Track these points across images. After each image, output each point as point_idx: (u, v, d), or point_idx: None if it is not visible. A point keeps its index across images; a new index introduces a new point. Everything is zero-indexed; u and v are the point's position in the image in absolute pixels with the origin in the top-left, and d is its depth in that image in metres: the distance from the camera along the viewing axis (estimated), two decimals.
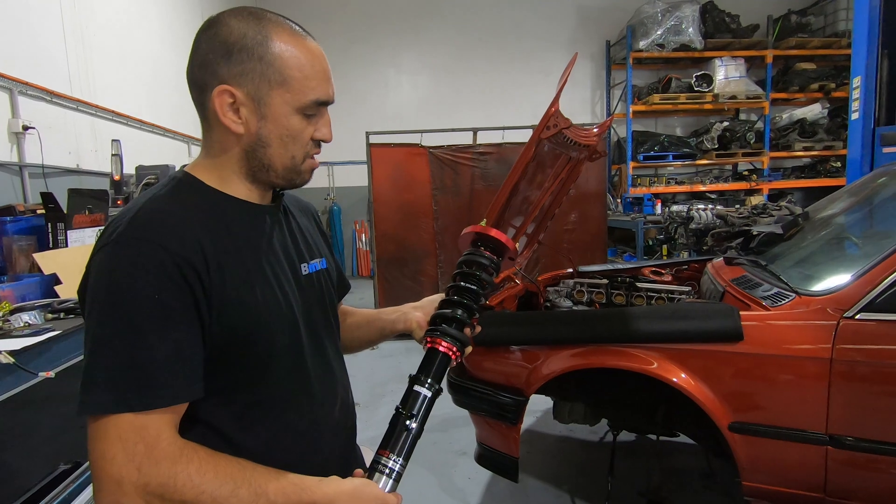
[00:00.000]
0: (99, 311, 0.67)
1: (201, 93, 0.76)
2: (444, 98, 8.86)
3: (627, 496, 2.34)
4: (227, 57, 0.74)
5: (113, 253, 0.68)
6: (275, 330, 0.79)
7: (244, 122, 0.76)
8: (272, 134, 0.77)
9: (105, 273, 0.67)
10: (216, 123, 0.77)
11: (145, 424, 0.65)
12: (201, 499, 0.65)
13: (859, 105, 3.32)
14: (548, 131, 2.01)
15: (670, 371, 1.75)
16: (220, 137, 0.78)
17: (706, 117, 8.59)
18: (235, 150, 0.78)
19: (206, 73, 0.75)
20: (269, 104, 0.76)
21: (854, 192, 2.37)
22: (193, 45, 0.77)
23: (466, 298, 0.92)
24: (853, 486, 1.58)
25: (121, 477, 0.63)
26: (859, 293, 1.55)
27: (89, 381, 0.66)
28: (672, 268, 2.99)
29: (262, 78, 0.74)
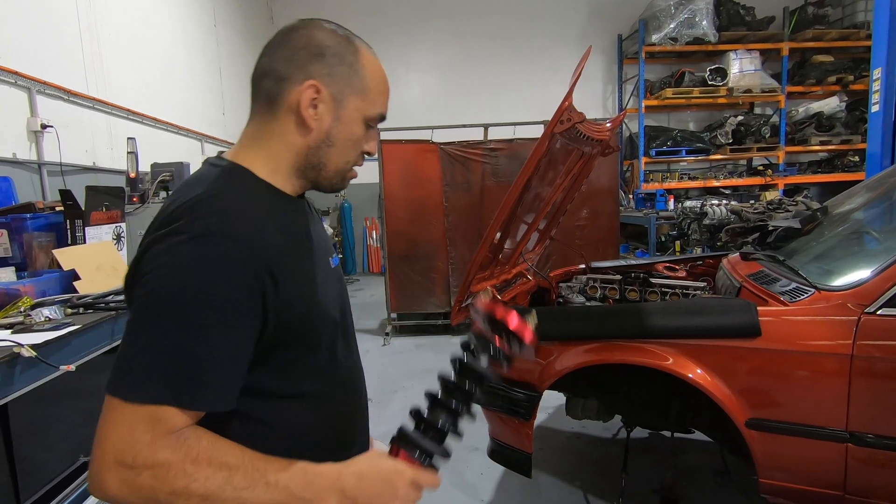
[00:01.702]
0: (165, 301, 0.66)
1: (279, 83, 0.79)
2: (453, 95, 8.84)
3: (641, 493, 2.33)
4: (319, 57, 0.78)
5: (194, 246, 0.67)
6: (321, 326, 0.80)
7: (319, 119, 0.79)
8: (340, 136, 0.81)
9: (183, 265, 0.66)
10: (287, 114, 0.79)
11: (165, 416, 0.65)
12: (192, 487, 0.64)
13: (880, 97, 3.25)
14: (561, 125, 2.01)
15: (686, 367, 1.73)
16: (285, 129, 0.80)
17: (720, 112, 8.47)
18: (298, 144, 0.80)
19: (293, 67, 0.78)
20: (346, 108, 0.80)
21: (874, 186, 2.32)
22: (278, 40, 0.80)
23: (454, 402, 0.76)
24: (874, 484, 1.55)
25: (113, 457, 0.63)
26: (881, 288, 1.52)
27: (131, 366, 0.66)
28: (686, 264, 2.96)
29: (346, 83, 0.79)
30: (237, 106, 6.45)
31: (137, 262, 0.71)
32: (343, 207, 8.97)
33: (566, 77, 10.11)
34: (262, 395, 0.75)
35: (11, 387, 1.47)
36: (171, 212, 0.71)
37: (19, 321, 1.75)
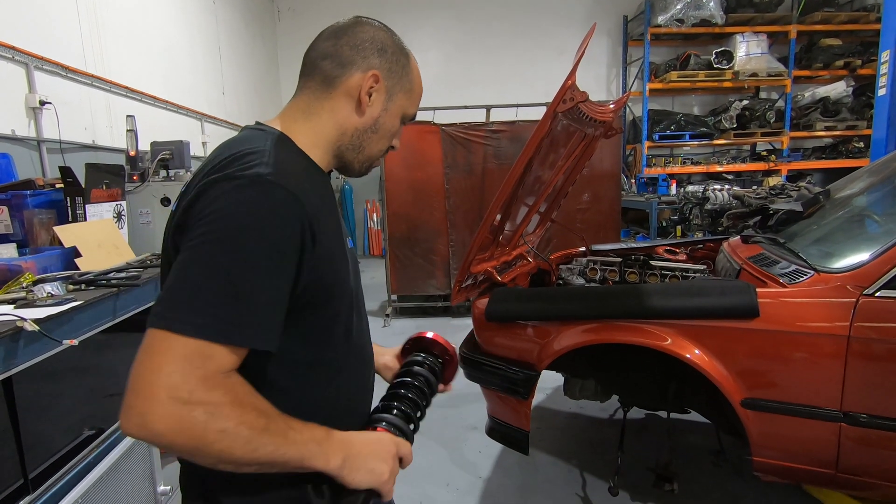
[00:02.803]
0: (221, 240, 0.68)
1: (341, 67, 0.86)
2: (456, 76, 8.73)
3: (636, 472, 2.37)
4: (382, 52, 0.87)
5: (251, 190, 0.70)
6: (341, 296, 0.84)
7: (371, 106, 0.87)
8: (384, 125, 0.89)
9: (239, 207, 0.69)
10: (343, 96, 0.86)
11: (216, 355, 0.66)
12: (239, 429, 0.65)
13: (887, 80, 3.21)
14: (564, 105, 1.99)
15: (684, 347, 1.74)
16: (337, 108, 0.86)
17: (725, 96, 8.38)
18: (347, 124, 0.87)
19: (358, 55, 0.86)
20: (394, 102, 0.89)
21: (876, 170, 2.31)
22: (344, 29, 0.88)
23: (412, 393, 0.91)
24: (866, 462, 1.58)
25: (167, 392, 0.62)
26: (880, 270, 1.52)
27: (184, 299, 0.66)
28: (687, 247, 2.96)
29: (398, 80, 0.90)
30: (236, 86, 6.38)
31: (191, 206, 0.72)
32: (344, 189, 8.94)
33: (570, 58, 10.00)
34: (280, 360, 0.76)
35: (15, 360, 1.48)
36: (221, 161, 0.74)
37: (21, 297, 1.76)
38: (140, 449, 1.95)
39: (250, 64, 7.03)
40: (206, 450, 0.64)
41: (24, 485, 1.51)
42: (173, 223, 0.76)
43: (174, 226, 0.75)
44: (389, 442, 0.79)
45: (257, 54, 7.42)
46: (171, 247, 0.75)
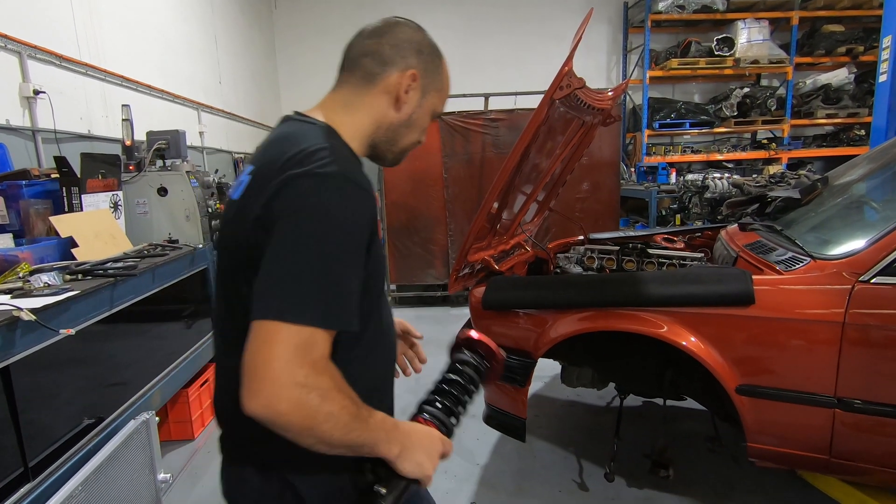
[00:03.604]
0: (315, 235, 0.74)
1: (382, 65, 0.92)
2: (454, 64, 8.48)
3: (632, 458, 2.39)
4: (420, 53, 0.94)
5: (334, 188, 0.76)
6: (382, 280, 0.93)
7: (408, 102, 0.94)
8: (418, 121, 0.96)
9: (326, 204, 0.75)
10: (382, 92, 0.92)
11: (320, 341, 0.72)
12: (341, 413, 0.72)
13: (888, 66, 3.18)
14: (561, 91, 1.97)
15: (680, 335, 1.75)
16: (376, 103, 0.92)
17: (726, 83, 8.31)
18: (384, 118, 0.93)
19: (397, 54, 0.92)
20: (427, 99, 0.96)
21: (875, 157, 2.30)
22: (385, 30, 0.93)
23: (456, 390, 0.96)
24: (859, 448, 1.59)
25: (288, 377, 0.69)
26: (876, 257, 1.52)
27: (291, 291, 0.72)
28: (685, 235, 2.96)
29: (432, 80, 0.97)
30: (234, 75, 6.33)
31: (273, 201, 0.76)
32: None
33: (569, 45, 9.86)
34: (336, 339, 0.80)
35: (12, 350, 1.49)
36: (294, 156, 0.79)
37: (18, 287, 1.76)
38: (139, 437, 1.96)
39: (247, 53, 6.97)
40: (314, 430, 0.71)
41: (24, 473, 1.52)
42: (252, 215, 0.79)
43: (254, 218, 0.78)
44: (437, 440, 0.85)
45: (254, 43, 7.35)
46: (246, 237, 0.79)
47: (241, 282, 0.81)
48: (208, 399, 2.97)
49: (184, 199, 3.06)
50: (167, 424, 2.74)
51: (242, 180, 0.86)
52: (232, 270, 0.85)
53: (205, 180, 3.32)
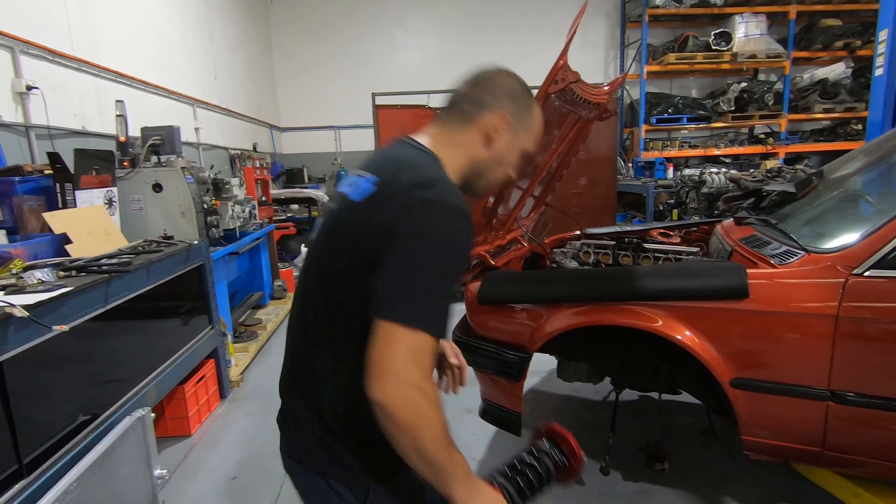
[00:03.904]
0: (437, 256, 0.87)
1: (478, 108, 1.03)
2: (452, 59, 8.63)
3: (628, 452, 2.40)
4: (512, 99, 1.05)
5: (456, 217, 0.89)
6: None
7: (499, 142, 1.04)
8: (506, 158, 1.07)
9: (449, 231, 0.88)
10: (476, 132, 1.04)
11: (430, 347, 0.83)
12: (439, 425, 0.81)
13: (884, 60, 3.18)
14: (555, 85, 1.96)
15: (675, 329, 1.75)
16: (473, 140, 1.04)
17: (723, 78, 8.31)
18: (476, 155, 1.05)
19: (493, 99, 1.04)
20: (517, 139, 1.06)
21: (871, 150, 2.30)
22: (484, 78, 1.06)
23: (530, 473, 0.98)
24: (852, 440, 1.60)
25: (406, 375, 0.79)
26: (870, 250, 1.52)
27: (418, 302, 0.84)
28: (681, 229, 2.96)
29: (522, 122, 1.06)
30: (230, 71, 6.30)
31: (400, 217, 0.88)
32: (339, 175, 8.89)
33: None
34: None
35: (5, 346, 1.48)
36: (420, 181, 0.91)
37: (11, 283, 1.75)
38: (135, 434, 1.96)
39: (243, 48, 6.94)
40: (416, 431, 0.79)
41: (19, 469, 1.52)
42: (380, 224, 0.89)
43: (382, 227, 0.88)
44: (498, 500, 0.88)
45: (250, 39, 7.31)
46: (371, 241, 0.89)
47: (354, 275, 0.91)
48: (205, 395, 2.97)
49: (179, 195, 3.05)
50: (163, 421, 2.74)
51: (363, 186, 0.95)
52: (344, 265, 0.95)
53: (200, 176, 3.31)
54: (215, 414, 3.03)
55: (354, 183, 0.98)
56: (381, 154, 1.06)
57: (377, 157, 1.04)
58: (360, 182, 0.97)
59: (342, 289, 0.95)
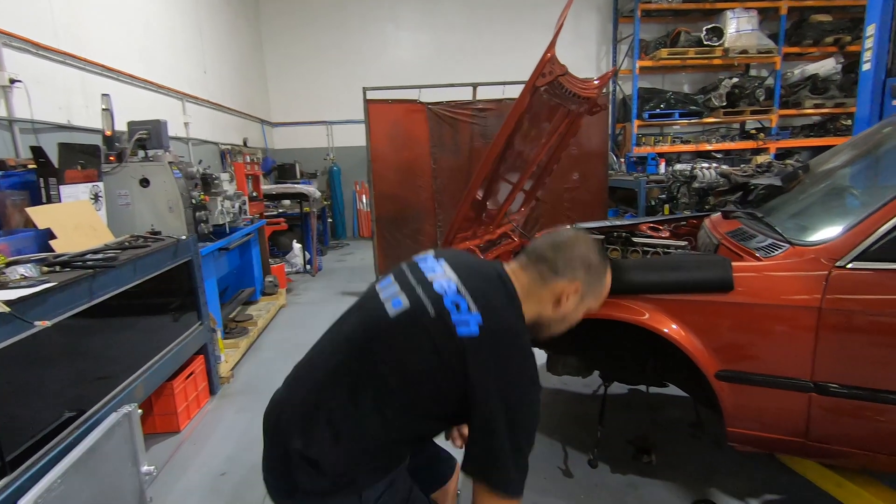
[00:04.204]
0: (529, 419, 1.06)
1: (554, 273, 1.17)
2: (445, 54, 8.60)
3: (616, 444, 2.41)
4: (587, 270, 1.18)
5: (535, 365, 1.09)
6: None
7: (567, 305, 1.19)
8: (570, 318, 1.22)
9: (538, 398, 1.09)
10: (550, 292, 1.18)
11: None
12: None
13: (872, 55, 3.19)
14: (543, 79, 1.97)
15: (661, 322, 1.76)
16: (543, 298, 1.18)
17: (715, 73, 8.33)
18: (544, 311, 1.19)
19: (568, 268, 1.17)
20: (584, 304, 1.22)
21: (858, 143, 2.31)
22: (564, 243, 1.20)
23: None
24: (835, 431, 1.61)
25: None
26: (852, 243, 1.53)
27: (522, 477, 1.06)
28: (670, 224, 2.96)
29: (592, 290, 1.21)
30: (219, 66, 6.24)
31: (492, 350, 1.03)
32: (332, 171, 8.85)
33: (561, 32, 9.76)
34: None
35: None
36: (511, 318, 1.10)
37: None
38: (122, 430, 1.95)
39: (233, 42, 6.87)
40: None
41: (2, 466, 1.51)
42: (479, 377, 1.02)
43: (484, 384, 1.01)
44: None
45: (240, 32, 7.25)
46: (449, 375, 1.03)
47: (408, 395, 1.06)
48: (194, 391, 2.96)
49: (167, 190, 3.02)
50: (152, 417, 2.72)
51: (466, 319, 1.05)
52: (397, 382, 1.06)
53: (188, 171, 3.28)
54: (205, 410, 3.02)
55: (456, 303, 1.07)
56: (483, 281, 1.14)
57: (480, 284, 1.12)
58: (464, 315, 1.05)
59: (399, 393, 1.06)
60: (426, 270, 1.18)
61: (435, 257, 1.24)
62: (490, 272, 1.17)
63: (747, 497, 2.09)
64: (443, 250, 1.30)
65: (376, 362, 1.08)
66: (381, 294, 1.18)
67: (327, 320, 1.26)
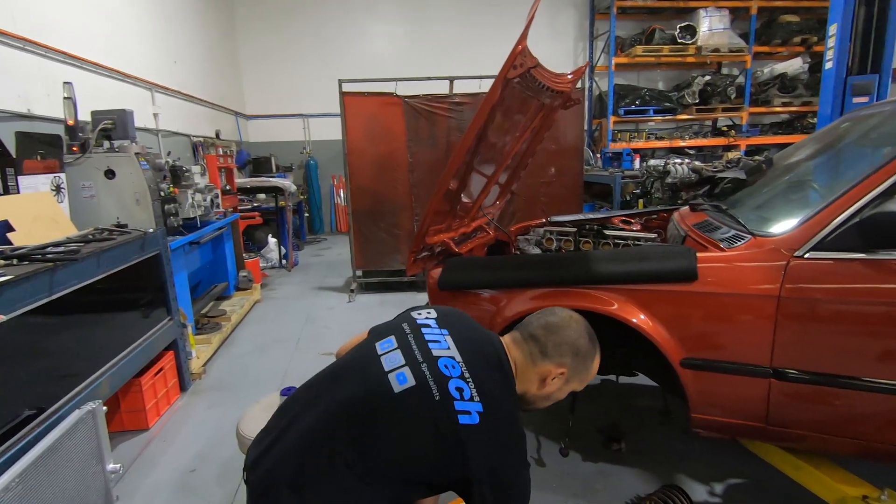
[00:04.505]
0: (521, 474, 1.17)
1: (543, 356, 1.26)
2: (422, 48, 8.55)
3: (587, 433, 2.46)
4: (574, 355, 1.26)
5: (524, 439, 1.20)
6: None
7: (552, 385, 1.27)
8: (554, 397, 1.31)
9: (522, 454, 1.18)
10: (536, 373, 1.26)
11: None
12: None
13: (833, 54, 3.30)
14: (515, 70, 1.97)
15: (630, 312, 1.79)
16: (531, 378, 1.27)
17: (688, 71, 8.49)
18: (530, 391, 1.27)
19: (557, 353, 1.26)
20: (569, 385, 1.29)
21: (819, 138, 2.39)
22: (555, 326, 1.28)
23: None
24: (793, 415, 1.67)
25: None
26: (809, 234, 1.58)
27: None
28: (641, 217, 3.02)
29: (578, 373, 1.28)
30: (189, 55, 6.08)
31: (492, 423, 1.12)
32: (309, 164, 8.74)
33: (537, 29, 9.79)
34: None
35: None
36: (508, 411, 1.17)
37: None
38: (85, 428, 1.89)
39: (204, 32, 6.70)
40: None
41: None
42: (478, 460, 1.09)
43: (486, 435, 1.10)
44: None
45: (211, 22, 7.07)
46: (447, 458, 1.10)
47: (402, 470, 1.10)
48: (164, 387, 2.90)
49: (133, 182, 2.94)
50: (120, 414, 2.66)
51: (468, 408, 1.10)
52: (393, 456, 1.09)
53: (156, 163, 3.19)
54: (175, 407, 2.96)
55: (460, 389, 1.12)
56: (485, 366, 1.19)
57: (483, 371, 1.18)
58: (467, 404, 1.10)
59: (394, 467, 1.09)
60: (431, 342, 1.22)
61: (438, 324, 1.29)
62: (491, 354, 1.23)
63: (712, 482, 2.16)
64: (445, 314, 1.34)
65: (376, 436, 1.10)
66: (383, 361, 1.20)
67: (303, 315, 1.27)
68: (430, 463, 1.11)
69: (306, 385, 1.31)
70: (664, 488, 1.94)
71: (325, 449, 1.11)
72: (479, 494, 1.09)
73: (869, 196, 1.52)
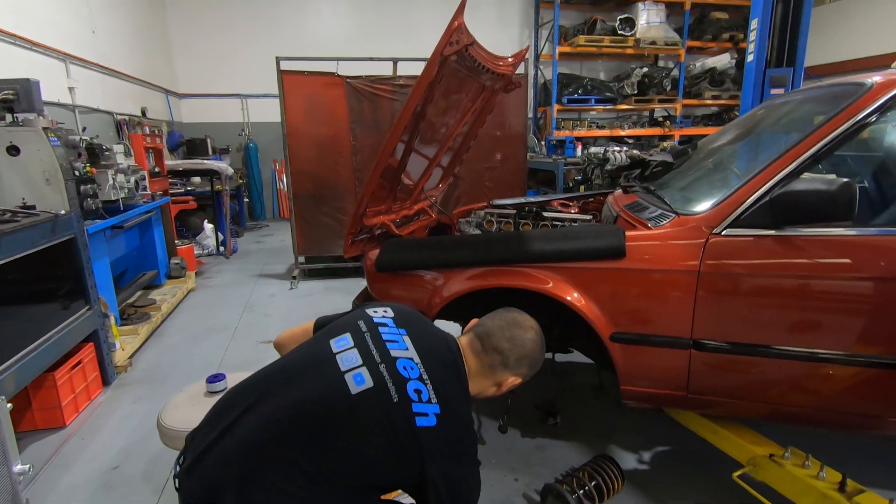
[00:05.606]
0: (478, 482, 1.21)
1: (504, 367, 1.32)
2: (367, 29, 8.34)
3: (525, 410, 2.52)
4: (531, 367, 1.36)
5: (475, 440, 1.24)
6: None
7: (503, 388, 1.35)
8: (504, 390, 1.37)
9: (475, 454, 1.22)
10: (493, 381, 1.34)
11: None
12: None
13: (755, 47, 3.50)
14: (451, 47, 1.94)
15: (564, 290, 1.84)
16: (486, 385, 1.34)
17: (628, 62, 8.79)
18: (485, 392, 1.35)
19: (518, 364, 1.33)
20: (520, 382, 1.38)
21: (739, 124, 2.53)
22: (518, 335, 1.34)
23: None
24: (710, 383, 1.78)
25: None
26: (726, 212, 1.67)
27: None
28: (579, 200, 3.10)
29: (527, 378, 1.38)
30: (111, 25, 5.61)
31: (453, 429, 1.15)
32: (248, 147, 8.35)
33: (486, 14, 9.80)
34: None
35: None
36: (462, 413, 1.20)
37: None
38: None
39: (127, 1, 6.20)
40: None
41: None
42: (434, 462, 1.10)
43: (442, 437, 1.12)
44: None
45: None
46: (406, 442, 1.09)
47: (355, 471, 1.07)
48: (83, 382, 2.70)
49: (41, 159, 2.68)
50: (30, 412, 2.45)
51: (426, 410, 1.11)
52: (347, 457, 1.06)
53: (69, 139, 2.93)
54: (97, 402, 2.76)
55: (418, 391, 1.12)
56: (442, 368, 1.21)
57: (440, 373, 1.19)
58: (424, 406, 1.11)
59: (346, 468, 1.06)
60: (388, 342, 1.20)
61: (395, 323, 1.28)
62: (448, 357, 1.25)
63: (641, 450, 2.28)
64: (401, 312, 1.34)
65: (331, 438, 1.05)
66: (339, 360, 1.16)
67: (241, 303, 1.20)
68: (384, 465, 1.09)
69: (250, 381, 1.22)
70: (596, 459, 2.02)
71: (275, 452, 1.04)
72: (435, 496, 1.10)
73: (778, 176, 1.62)
